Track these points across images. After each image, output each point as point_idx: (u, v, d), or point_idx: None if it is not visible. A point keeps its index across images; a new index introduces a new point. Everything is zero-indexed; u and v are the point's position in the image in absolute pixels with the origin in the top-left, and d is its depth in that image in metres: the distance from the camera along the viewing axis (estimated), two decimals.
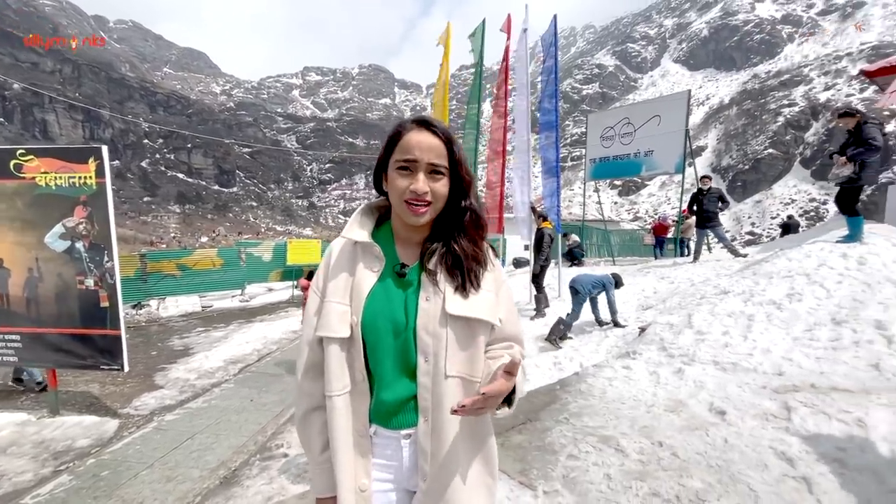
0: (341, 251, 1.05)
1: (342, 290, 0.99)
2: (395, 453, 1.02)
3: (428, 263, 0.99)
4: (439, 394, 0.95)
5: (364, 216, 1.07)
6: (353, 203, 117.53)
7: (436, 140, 0.95)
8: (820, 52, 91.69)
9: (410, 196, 0.93)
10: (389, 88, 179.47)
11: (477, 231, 1.02)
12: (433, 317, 0.95)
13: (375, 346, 0.97)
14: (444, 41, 7.66)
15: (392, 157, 0.97)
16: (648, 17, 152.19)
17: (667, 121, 9.93)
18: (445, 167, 0.96)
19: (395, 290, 0.99)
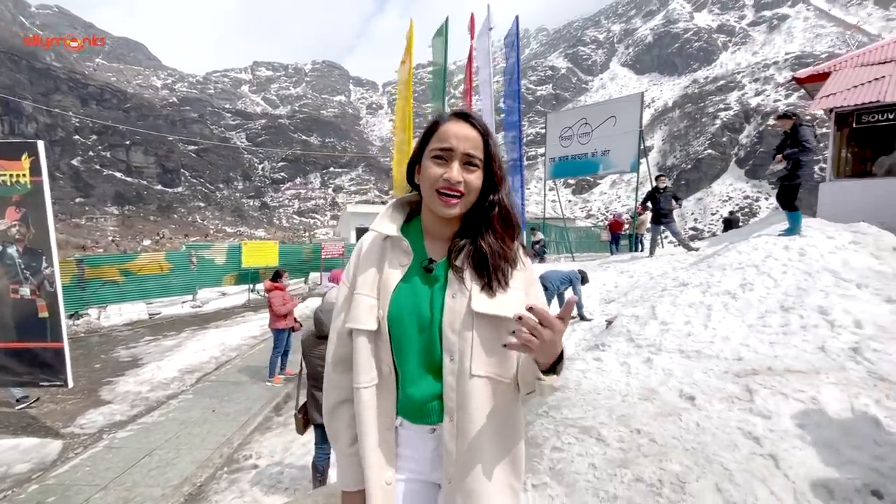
0: (371, 244, 1.04)
1: (371, 284, 0.99)
2: (421, 446, 1.02)
3: (455, 260, 0.97)
4: (465, 393, 0.93)
5: (394, 210, 1.05)
6: (309, 203, 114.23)
7: (473, 132, 0.94)
8: (750, 60, 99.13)
9: (443, 185, 0.91)
10: (344, 86, 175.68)
11: (506, 228, 0.99)
12: (458, 314, 0.93)
13: (401, 341, 0.96)
14: (408, 38, 7.56)
15: (427, 146, 0.96)
16: (598, 22, 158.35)
17: (622, 121, 10.34)
18: (480, 159, 0.94)
19: (421, 286, 0.98)
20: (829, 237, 5.26)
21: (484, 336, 0.93)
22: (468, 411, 0.93)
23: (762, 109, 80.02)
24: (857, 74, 7.36)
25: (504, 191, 1.00)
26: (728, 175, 79.35)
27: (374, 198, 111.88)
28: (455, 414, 0.94)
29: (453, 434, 0.94)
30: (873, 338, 3.39)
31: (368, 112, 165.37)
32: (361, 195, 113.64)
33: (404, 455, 1.03)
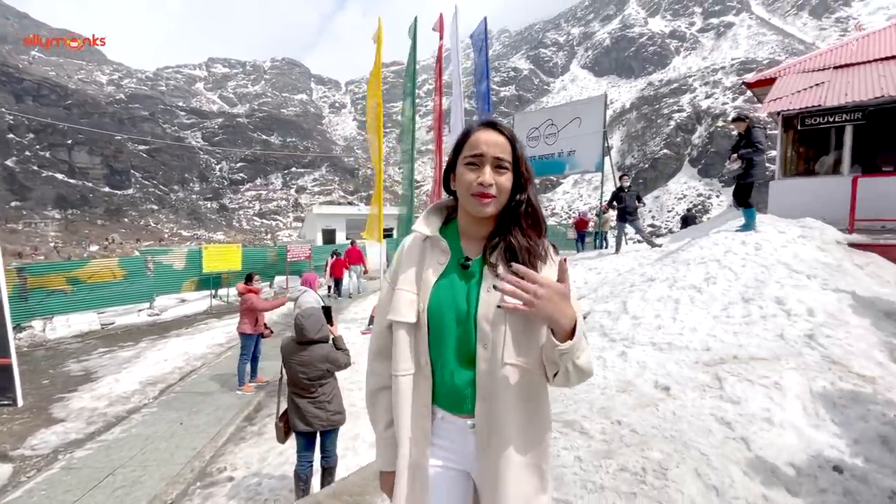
0: (412, 245, 1.14)
1: (411, 280, 1.09)
2: (460, 437, 1.09)
3: (489, 257, 1.05)
4: (497, 380, 1.00)
5: (433, 214, 1.16)
6: (270, 204, 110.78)
7: (501, 137, 1.03)
8: (701, 64, 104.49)
9: (477, 188, 1.00)
10: (306, 84, 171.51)
11: (533, 226, 1.07)
12: (492, 307, 1.01)
13: (439, 332, 1.05)
14: (377, 37, 7.47)
15: (461, 154, 1.05)
16: (558, 25, 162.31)
17: (586, 122, 10.63)
18: (509, 162, 1.03)
19: (458, 282, 1.07)
20: (780, 232, 5.63)
21: (515, 327, 1.00)
22: (500, 397, 1.00)
23: (712, 111, 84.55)
24: (799, 80, 7.91)
25: (531, 190, 1.08)
26: (682, 174, 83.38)
27: (339, 198, 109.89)
28: (488, 399, 1.01)
29: (485, 417, 1.02)
30: (825, 324, 3.66)
31: (331, 111, 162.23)
32: (326, 196, 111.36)
33: (440, 445, 1.10)
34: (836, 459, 2.38)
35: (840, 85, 7.16)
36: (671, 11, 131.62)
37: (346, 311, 10.80)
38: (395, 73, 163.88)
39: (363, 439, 4.21)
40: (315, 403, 2.93)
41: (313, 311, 2.99)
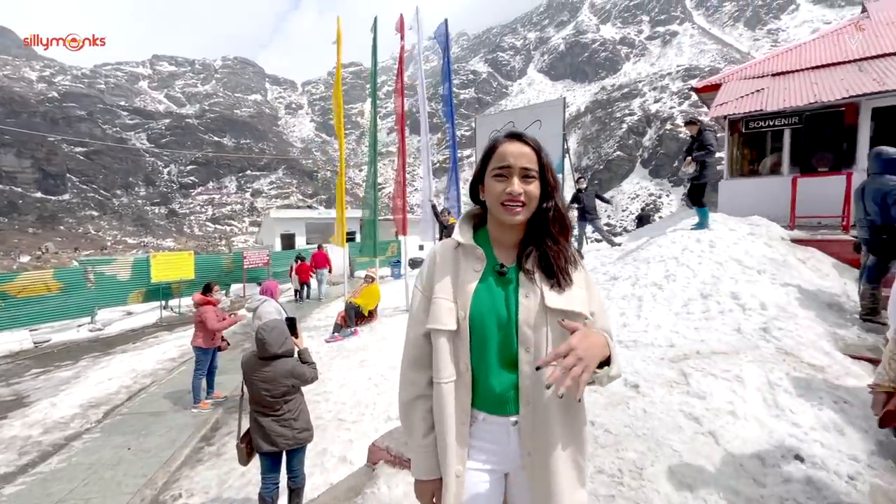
0: (444, 254, 1.17)
1: (448, 289, 1.11)
2: (502, 438, 1.12)
3: (525, 264, 1.10)
4: (539, 381, 1.03)
5: (463, 223, 1.18)
6: (224, 209, 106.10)
7: (527, 148, 1.08)
8: (649, 70, 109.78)
9: (507, 198, 1.05)
10: (260, 84, 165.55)
11: (561, 230, 1.13)
12: (533, 311, 1.06)
13: (482, 338, 1.08)
14: (337, 37, 7.27)
15: (488, 166, 1.10)
16: (515, 30, 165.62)
17: (546, 125, 10.79)
18: (536, 171, 1.07)
19: (496, 288, 1.10)
20: (731, 230, 5.92)
21: (556, 330, 1.05)
22: (543, 397, 1.05)
23: (661, 115, 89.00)
24: (742, 86, 8.41)
25: (558, 196, 1.13)
26: (635, 175, 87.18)
27: (297, 202, 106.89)
28: (531, 399, 1.06)
29: (530, 418, 1.07)
30: (776, 317, 3.85)
31: (287, 112, 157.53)
32: (283, 199, 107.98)
33: (478, 447, 1.13)
34: (796, 448, 2.49)
35: (778, 91, 7.68)
36: (621, 19, 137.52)
37: (309, 318, 10.45)
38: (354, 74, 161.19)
39: (331, 454, 4.04)
40: (280, 421, 2.76)
41: (276, 324, 2.81)
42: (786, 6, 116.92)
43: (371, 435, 4.23)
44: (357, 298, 7.95)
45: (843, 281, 5.06)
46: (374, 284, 8.24)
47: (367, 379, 5.61)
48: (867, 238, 4.14)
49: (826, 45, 9.10)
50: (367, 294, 8.04)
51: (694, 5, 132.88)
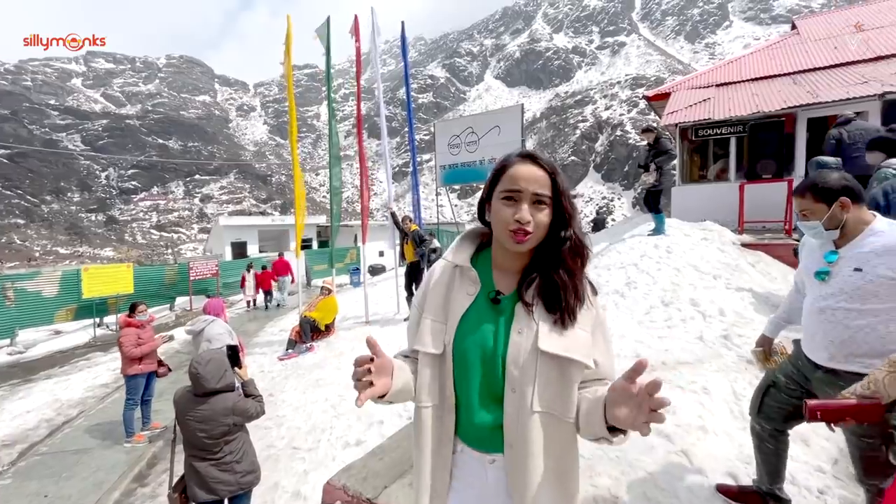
0: (442, 272, 1.09)
1: (439, 309, 1.04)
2: (479, 474, 1.04)
3: (525, 294, 0.99)
4: (524, 427, 0.95)
5: (465, 241, 1.11)
6: (171, 215, 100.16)
7: (541, 172, 0.97)
8: (600, 78, 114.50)
9: (514, 226, 0.95)
10: (209, 84, 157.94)
11: (576, 263, 1.00)
12: (524, 350, 0.96)
13: (464, 369, 1.00)
14: (287, 36, 6.88)
15: (497, 187, 0.99)
16: (471, 36, 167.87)
17: (505, 131, 10.83)
18: (549, 197, 0.97)
19: (487, 317, 1.01)
20: (686, 235, 6.07)
21: (546, 374, 0.95)
22: (527, 444, 0.96)
23: (611, 122, 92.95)
24: (690, 96, 8.76)
25: (575, 226, 1.00)
26: (588, 179, 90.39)
27: (250, 208, 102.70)
28: (515, 445, 0.97)
29: (512, 465, 0.98)
30: (735, 324, 3.91)
31: (239, 114, 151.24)
32: (235, 204, 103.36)
33: (460, 478, 1.05)
34: None
35: (723, 101, 8.04)
36: (573, 29, 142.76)
37: (261, 332, 9.86)
38: (309, 76, 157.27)
39: (284, 489, 3.69)
40: (220, 466, 2.43)
41: (212, 355, 2.47)
42: (720, 22, 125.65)
43: (328, 464, 3.92)
44: (313, 312, 7.54)
45: (789, 283, 5.27)
46: (332, 297, 7.86)
47: (324, 400, 5.26)
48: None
49: (763, 58, 9.67)
50: (323, 307, 7.64)
51: (639, 18, 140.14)
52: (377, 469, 2.81)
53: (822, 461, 2.51)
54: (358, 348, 6.68)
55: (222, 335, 4.43)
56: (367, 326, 7.77)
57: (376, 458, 2.98)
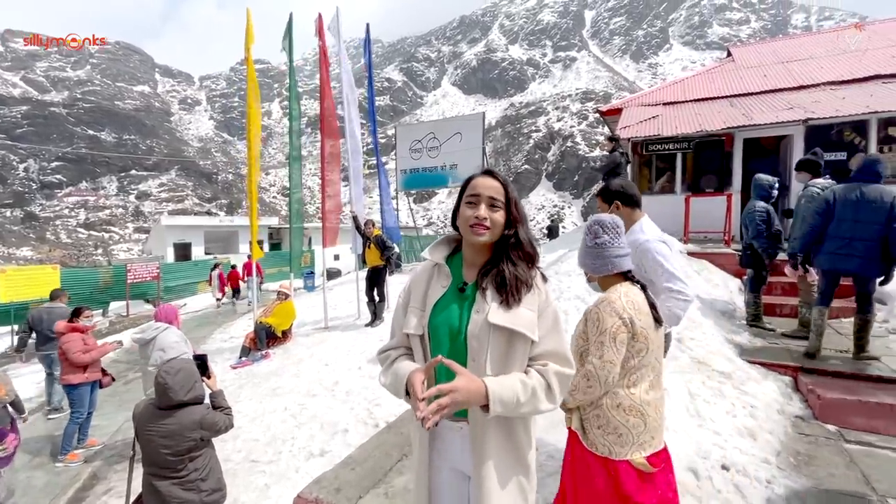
0: (423, 270, 1.35)
1: (420, 300, 1.29)
2: (452, 440, 1.26)
3: (481, 282, 1.23)
4: None
5: (441, 244, 1.36)
6: (102, 213, 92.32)
7: (496, 182, 1.25)
8: (552, 91, 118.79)
9: (474, 221, 1.21)
10: (148, 74, 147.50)
11: (522, 257, 1.24)
12: (479, 325, 1.18)
13: (438, 346, 1.24)
14: (247, 31, 6.60)
15: (463, 196, 1.27)
16: (429, 42, 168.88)
17: (466, 138, 11.02)
18: (502, 202, 1.23)
19: (455, 302, 1.25)
20: None
21: (497, 343, 1.17)
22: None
23: (563, 133, 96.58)
24: (640, 112, 9.32)
25: (521, 227, 1.26)
26: (541, 187, 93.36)
27: (193, 206, 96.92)
28: (475, 409, 1.15)
29: (475, 423, 1.18)
30: (687, 328, 4.19)
31: (182, 108, 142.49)
32: (177, 203, 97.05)
33: (440, 446, 1.28)
34: (721, 458, 2.65)
35: (670, 119, 8.63)
36: (527, 42, 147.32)
37: (209, 340, 9.33)
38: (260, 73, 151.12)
39: None
40: (184, 485, 2.27)
41: (182, 365, 2.32)
42: (662, 45, 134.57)
43: (291, 476, 3.78)
44: (269, 318, 7.24)
45: (730, 290, 5.73)
46: (289, 301, 7.58)
47: (283, 409, 5.06)
48: (741, 253, 4.83)
49: (703, 81, 10.49)
50: (280, 312, 7.35)
51: (590, 36, 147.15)
52: (350, 479, 2.75)
53: (768, 454, 2.74)
54: (317, 355, 6.48)
55: (177, 344, 4.14)
56: (326, 332, 7.56)
57: (348, 468, 2.92)
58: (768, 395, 3.32)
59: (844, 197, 3.46)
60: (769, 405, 3.20)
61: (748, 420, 3.00)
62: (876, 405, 3.04)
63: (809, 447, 2.84)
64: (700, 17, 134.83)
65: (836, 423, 3.09)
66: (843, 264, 3.44)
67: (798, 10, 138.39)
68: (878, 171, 3.43)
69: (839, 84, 8.40)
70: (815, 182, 4.28)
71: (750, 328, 4.61)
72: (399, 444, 3.19)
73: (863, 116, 7.04)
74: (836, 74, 8.72)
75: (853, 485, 2.46)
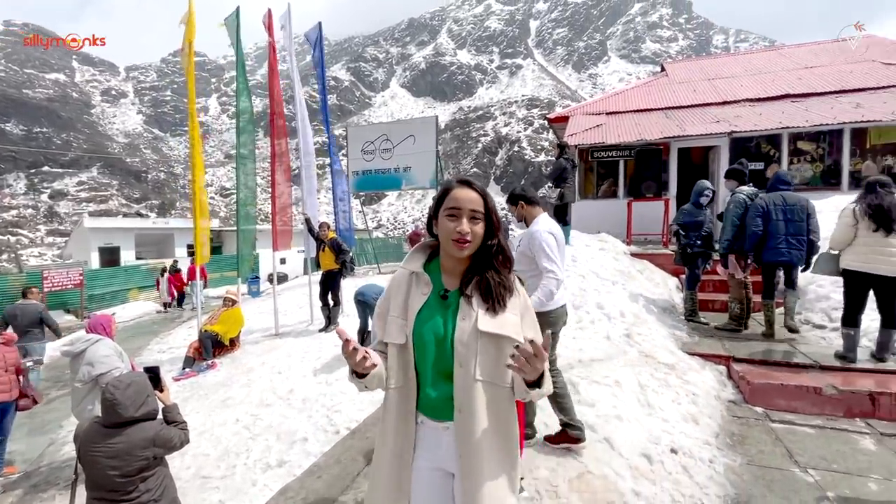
0: (400, 278, 1.34)
1: (400, 308, 1.28)
2: (437, 441, 1.26)
3: (465, 289, 1.24)
4: (470, 394, 1.18)
5: (417, 252, 1.37)
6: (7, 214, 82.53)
7: (475, 194, 1.25)
8: (499, 97, 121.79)
9: (456, 236, 1.20)
10: (65, 62, 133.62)
11: (503, 263, 1.27)
12: (467, 331, 1.20)
13: (423, 352, 1.24)
14: (187, 21, 6.21)
15: (441, 206, 1.26)
16: (377, 42, 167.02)
17: (420, 141, 11.02)
18: (482, 213, 1.24)
19: (438, 310, 1.25)
20: (586, 245, 6.77)
21: (485, 349, 1.19)
22: (473, 409, 1.18)
23: (510, 137, 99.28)
24: (585, 121, 9.82)
25: (501, 235, 1.29)
26: (489, 190, 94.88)
27: (119, 207, 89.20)
28: (463, 410, 1.19)
29: (461, 427, 1.19)
30: (634, 324, 4.48)
31: (105, 100, 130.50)
32: (98, 204, 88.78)
33: (423, 446, 1.28)
34: (669, 442, 2.87)
35: (613, 128, 9.18)
36: (475, 47, 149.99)
37: (144, 351, 8.65)
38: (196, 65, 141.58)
39: None
40: None
41: (133, 379, 2.14)
42: (601, 57, 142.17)
43: (248, 490, 3.62)
44: (215, 325, 6.84)
45: (669, 288, 6.19)
46: (236, 308, 7.21)
47: (235, 421, 4.81)
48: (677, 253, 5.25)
49: (641, 93, 11.25)
50: (227, 320, 6.98)
51: (535, 45, 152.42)
52: (317, 488, 2.69)
53: (709, 436, 3.00)
54: (269, 362, 6.22)
55: (108, 358, 3.79)
56: (277, 339, 7.27)
57: (314, 476, 2.85)
58: (707, 383, 3.64)
59: (773, 203, 4.23)
60: (708, 392, 3.51)
61: (691, 406, 3.27)
62: (795, 388, 3.43)
63: (742, 428, 3.15)
64: (635, 32, 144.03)
65: (763, 405, 3.44)
66: (781, 256, 4.21)
67: (718, 31, 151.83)
68: (788, 180, 4.41)
69: (756, 101, 9.34)
70: (741, 189, 4.74)
71: (687, 322, 5.01)
72: (365, 450, 3.15)
73: (776, 131, 7.89)
74: (754, 92, 9.70)
75: (779, 460, 2.76)
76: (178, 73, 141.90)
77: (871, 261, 3.54)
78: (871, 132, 7.84)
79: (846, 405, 3.29)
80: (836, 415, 3.27)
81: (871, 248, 3.55)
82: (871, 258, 3.54)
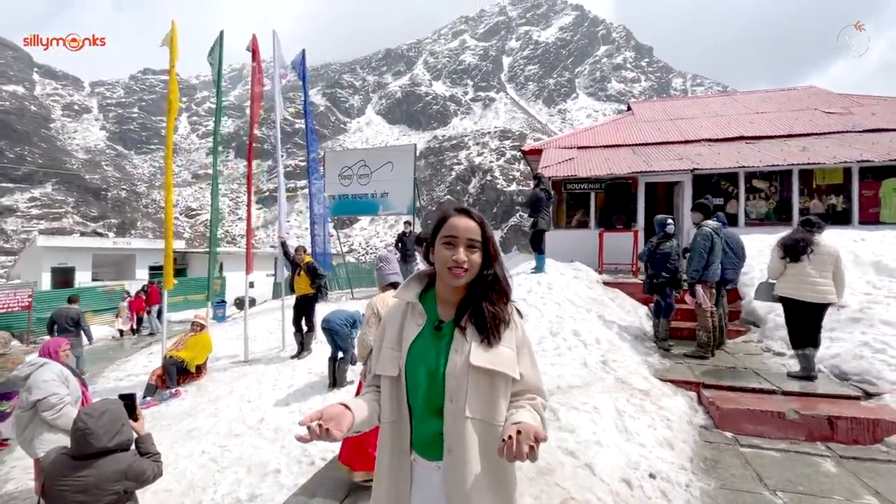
0: (396, 308, 1.32)
1: (394, 339, 1.25)
2: (430, 481, 1.20)
3: (460, 321, 1.20)
4: (460, 431, 1.13)
5: (413, 281, 1.34)
6: None
7: (472, 223, 1.22)
8: (473, 127, 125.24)
9: (453, 264, 1.18)
10: (24, 73, 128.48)
11: (500, 294, 1.24)
12: (459, 366, 1.15)
13: (414, 386, 1.19)
14: (170, 42, 6.19)
15: (438, 234, 1.23)
16: (354, 70, 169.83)
17: (398, 168, 11.20)
18: (480, 242, 1.21)
19: (432, 341, 1.22)
20: (561, 273, 6.96)
21: (477, 384, 1.14)
22: (464, 448, 1.12)
23: (483, 167, 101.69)
24: (558, 154, 10.26)
25: (498, 264, 1.26)
26: None
27: (74, 225, 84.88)
28: (453, 449, 1.13)
29: (450, 469, 1.14)
30: (609, 350, 4.60)
31: (66, 114, 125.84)
32: (51, 221, 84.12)
33: (416, 486, 1.21)
34: (648, 467, 2.93)
35: (584, 162, 9.62)
36: (450, 79, 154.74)
37: (100, 378, 8.13)
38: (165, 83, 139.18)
39: None
40: None
41: (107, 407, 2.03)
42: (569, 93, 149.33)
43: None
44: (181, 352, 6.54)
45: (640, 316, 6.41)
46: (205, 333, 6.95)
47: (201, 453, 4.57)
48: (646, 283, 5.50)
49: (610, 130, 11.89)
50: (194, 346, 6.69)
51: (507, 79, 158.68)
52: None
53: (684, 460, 3.09)
54: (238, 390, 5.98)
55: (47, 383, 3.50)
56: (246, 366, 7.01)
57: None
58: (679, 408, 3.76)
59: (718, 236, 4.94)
60: (681, 417, 3.62)
61: (666, 432, 3.36)
62: (760, 413, 3.59)
63: (714, 452, 3.26)
64: (601, 72, 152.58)
65: (732, 430, 3.58)
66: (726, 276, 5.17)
67: (677, 75, 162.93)
68: (724, 221, 5.47)
69: (714, 141, 10.05)
70: (707, 223, 5.05)
71: (658, 349, 5.18)
72: (343, 481, 3.07)
73: (734, 169, 8.49)
74: (712, 133, 10.44)
75: (750, 483, 2.87)
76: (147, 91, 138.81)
77: (800, 289, 4.07)
78: (816, 173, 8.55)
79: (807, 429, 3.46)
80: (798, 438, 3.44)
81: (799, 278, 4.09)
82: (801, 287, 4.06)
